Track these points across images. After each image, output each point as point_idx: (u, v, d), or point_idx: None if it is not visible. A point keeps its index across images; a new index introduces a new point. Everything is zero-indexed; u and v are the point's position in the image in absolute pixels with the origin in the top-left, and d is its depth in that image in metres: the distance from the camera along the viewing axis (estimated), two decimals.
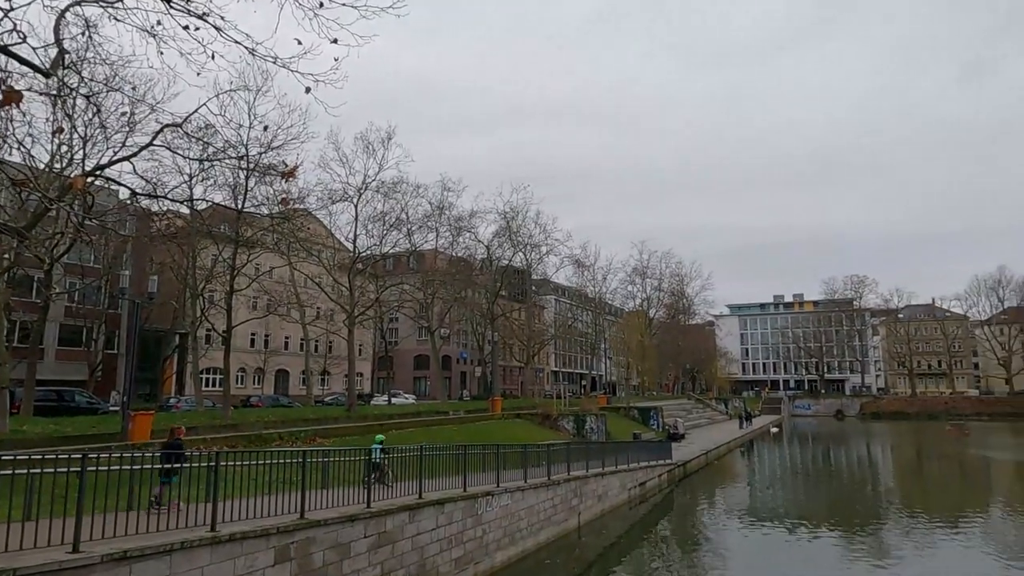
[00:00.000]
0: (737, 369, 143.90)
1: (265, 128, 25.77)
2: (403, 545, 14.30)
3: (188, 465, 11.87)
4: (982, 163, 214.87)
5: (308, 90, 9.80)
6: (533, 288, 75.55)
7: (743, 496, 34.31)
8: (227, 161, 24.91)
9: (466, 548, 16.45)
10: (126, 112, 22.22)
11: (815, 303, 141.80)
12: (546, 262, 61.64)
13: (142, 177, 20.15)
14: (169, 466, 11.58)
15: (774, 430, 73.87)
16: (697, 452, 43.16)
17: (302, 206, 35.76)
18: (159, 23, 8.79)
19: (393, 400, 58.22)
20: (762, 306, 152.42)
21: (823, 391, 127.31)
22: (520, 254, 59.35)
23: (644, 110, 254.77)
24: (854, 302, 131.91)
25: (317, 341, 61.23)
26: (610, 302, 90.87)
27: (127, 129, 22.92)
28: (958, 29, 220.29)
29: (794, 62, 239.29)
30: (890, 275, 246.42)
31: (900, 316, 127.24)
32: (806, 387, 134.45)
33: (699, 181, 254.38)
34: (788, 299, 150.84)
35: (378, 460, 15.33)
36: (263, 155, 27.88)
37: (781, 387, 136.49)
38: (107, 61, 14.47)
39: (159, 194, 20.29)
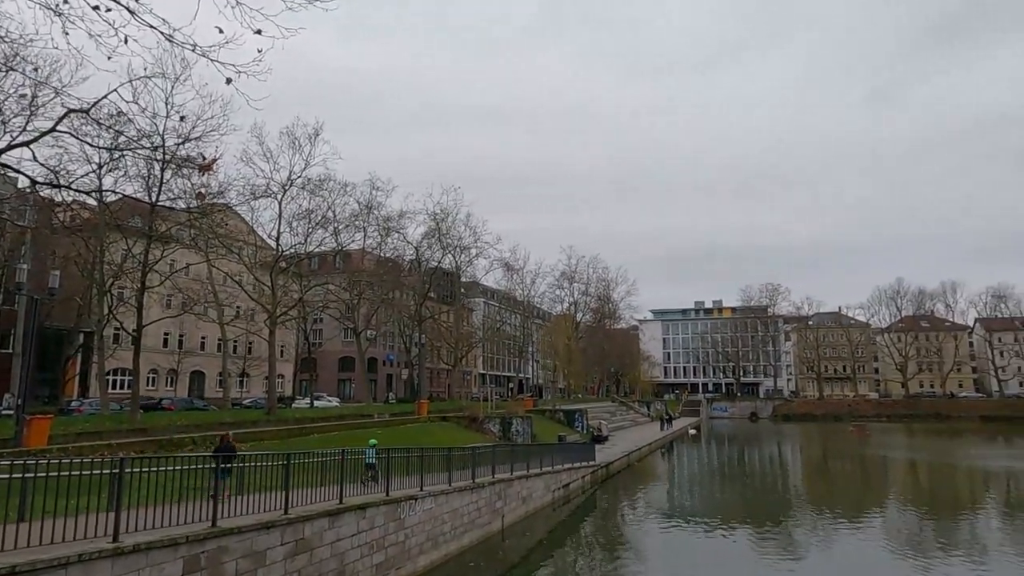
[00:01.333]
0: (659, 372, 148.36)
1: (182, 118, 24.55)
2: (322, 552, 13.94)
3: (239, 465, 13.76)
4: (885, 181, 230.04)
5: (229, 81, 9.43)
6: (462, 290, 75.42)
7: (663, 496, 35.34)
8: (140, 151, 23.59)
9: (388, 553, 16.19)
10: (26, 95, 20.70)
11: (733, 309, 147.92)
12: (476, 265, 61.79)
13: (44, 165, 18.80)
14: (224, 466, 12.92)
15: (692, 432, 76.44)
16: (620, 454, 44.12)
17: (222, 201, 34.34)
18: (65, 1, 8.26)
19: (316, 403, 56.73)
20: (684, 312, 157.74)
21: (739, 394, 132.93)
22: (449, 256, 59.18)
23: (576, 118, 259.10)
24: (769, 309, 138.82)
25: (236, 342, 58.96)
26: (538, 305, 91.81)
27: (28, 113, 21.35)
28: (865, 55, 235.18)
29: (721, 78, 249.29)
30: (802, 284, 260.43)
31: (810, 323, 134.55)
32: (724, 390, 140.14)
33: (627, 189, 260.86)
34: (708, 305, 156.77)
35: (372, 461, 17.29)
36: (180, 146, 26.56)
37: (700, 390, 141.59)
38: (5, 39, 13.45)
39: (62, 183, 19.01)
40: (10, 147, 19.47)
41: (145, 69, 24.01)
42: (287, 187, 38.24)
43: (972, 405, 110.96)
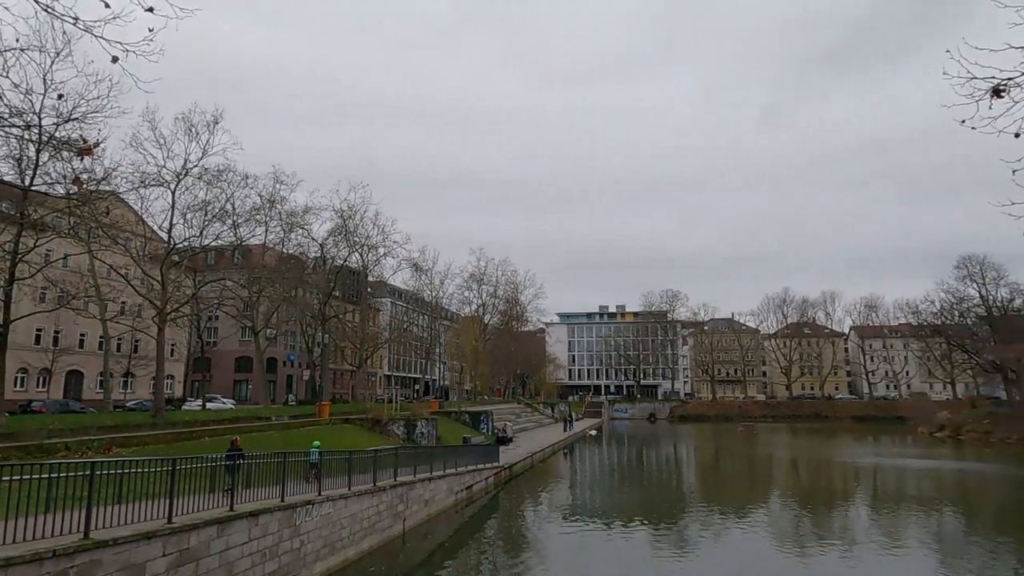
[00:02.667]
0: (565, 375, 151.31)
1: (60, 96, 22.57)
2: (209, 562, 13.19)
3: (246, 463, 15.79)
4: (777, 194, 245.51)
5: (115, 60, 8.78)
6: (369, 290, 73.87)
7: (565, 496, 36.02)
8: (11, 130, 21.52)
9: (281, 561, 15.56)
10: None
11: (635, 314, 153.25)
12: (383, 264, 60.60)
13: None
14: (232, 463, 15.16)
15: (592, 433, 78.46)
16: (524, 455, 44.62)
17: (108, 188, 31.90)
18: None
19: (209, 405, 53.82)
20: (589, 315, 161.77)
21: (639, 396, 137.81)
22: (356, 254, 57.80)
23: (488, 121, 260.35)
24: (668, 314, 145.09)
25: (120, 340, 54.98)
26: (447, 307, 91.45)
27: None
28: (758, 76, 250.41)
29: (626, 89, 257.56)
30: (699, 291, 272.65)
31: (706, 328, 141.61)
32: (625, 392, 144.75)
33: (537, 193, 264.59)
34: (612, 309, 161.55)
35: (315, 460, 18.91)
36: (59, 127, 24.44)
37: (603, 392, 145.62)
38: None
39: None
40: None
41: (18, 40, 21.94)
42: (181, 176, 35.98)
43: (846, 406, 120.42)
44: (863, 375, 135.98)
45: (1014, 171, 5.56)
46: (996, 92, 5.48)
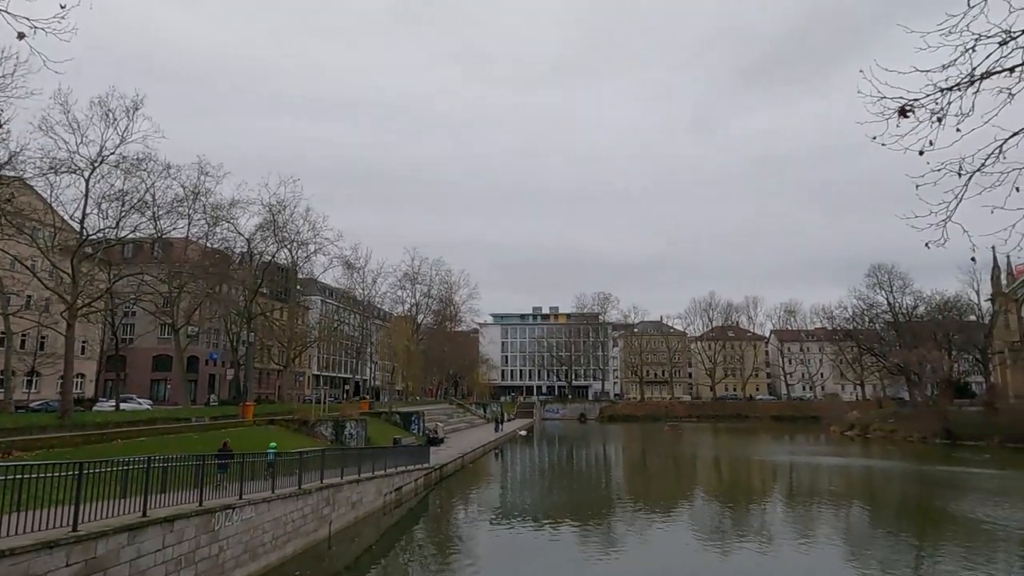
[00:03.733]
0: (497, 375, 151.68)
1: None
2: (119, 571, 12.49)
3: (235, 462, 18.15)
4: (704, 203, 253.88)
5: (21, 36, 8.25)
6: (298, 287, 71.93)
7: (495, 496, 36.11)
8: None
9: (198, 568, 14.91)
10: None
11: (568, 315, 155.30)
12: (314, 261, 59.07)
13: None
14: (223, 462, 17.93)
15: (522, 433, 78.97)
16: (455, 455, 44.47)
17: (12, 173, 29.83)
18: None
19: (123, 406, 51.03)
20: (522, 316, 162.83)
21: (570, 396, 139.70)
22: (285, 250, 56.15)
23: (425, 120, 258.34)
24: (600, 316, 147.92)
25: (25, 336, 51.48)
26: (379, 306, 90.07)
27: None
28: (689, 88, 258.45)
29: (564, 93, 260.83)
30: (630, 293, 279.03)
31: (635, 330, 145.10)
32: (557, 393, 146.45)
33: (473, 193, 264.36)
34: (545, 311, 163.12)
35: (272, 460, 20.12)
36: None
37: (535, 393, 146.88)
38: None
39: None
40: None
41: None
42: (97, 164, 33.98)
43: (766, 407, 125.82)
44: (782, 377, 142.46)
45: (917, 186, 5.92)
46: (902, 112, 5.83)
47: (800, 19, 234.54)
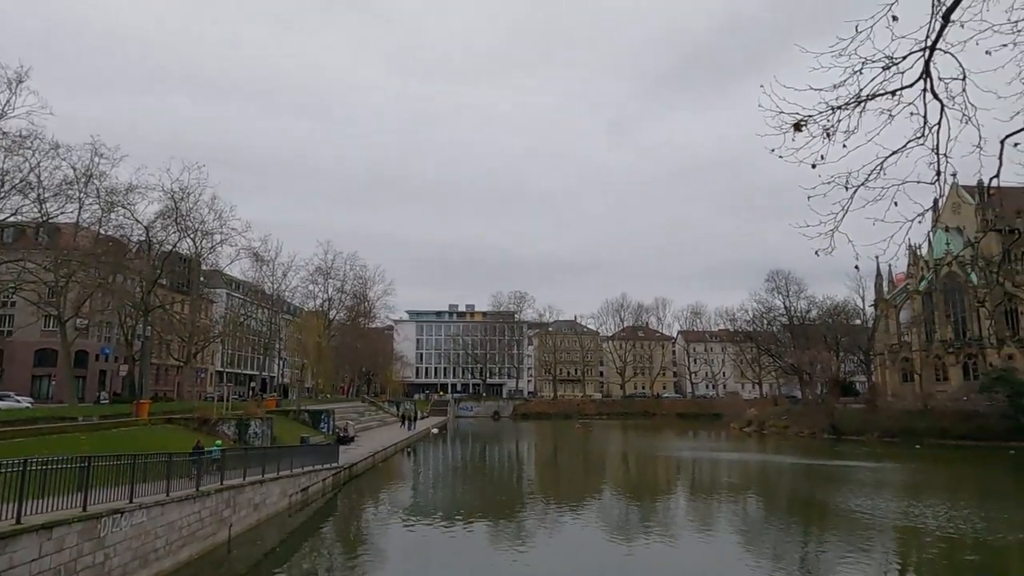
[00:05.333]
0: (412, 373, 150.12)
1: None
2: None
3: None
4: (619, 205, 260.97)
5: None
6: (202, 279, 68.43)
7: (406, 495, 35.70)
8: None
9: None
10: None
11: (484, 314, 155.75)
12: (219, 252, 56.01)
13: None
14: (196, 458, 20.44)
15: (435, 431, 78.53)
16: (365, 454, 43.65)
17: None
18: None
19: None
20: (438, 314, 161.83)
21: (485, 394, 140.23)
22: (188, 240, 53.12)
23: (348, 113, 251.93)
24: (515, 315, 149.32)
25: None
26: (289, 300, 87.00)
27: None
28: (608, 91, 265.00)
29: (488, 91, 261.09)
30: (545, 293, 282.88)
31: (550, 329, 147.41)
32: (471, 390, 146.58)
33: (391, 188, 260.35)
34: (462, 309, 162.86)
35: (216, 457, 21.95)
36: None
37: (450, 390, 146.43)
38: None
39: None
40: None
41: None
42: None
43: (671, 404, 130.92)
44: (687, 376, 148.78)
45: (809, 197, 6.30)
46: (797, 127, 6.19)
47: (712, 33, 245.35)
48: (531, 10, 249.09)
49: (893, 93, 6.13)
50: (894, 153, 6.22)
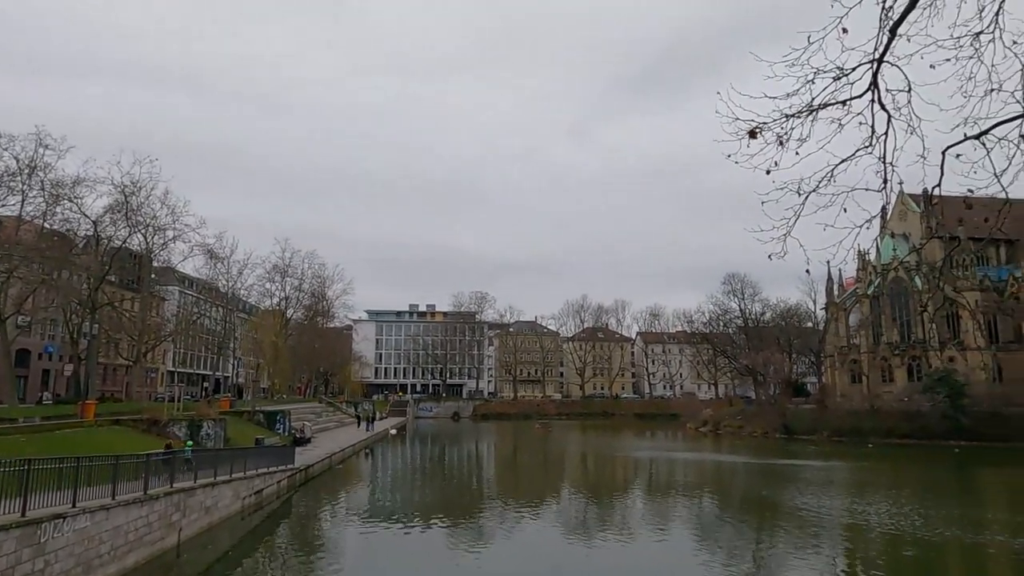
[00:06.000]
0: (371, 373, 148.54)
1: None
2: None
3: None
4: (580, 206, 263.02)
5: None
6: (153, 276, 66.41)
7: (364, 497, 35.29)
8: None
9: None
10: None
11: (445, 314, 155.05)
12: (172, 248, 54.42)
13: None
14: (166, 458, 21.59)
15: (393, 432, 77.85)
16: (322, 455, 43.02)
17: None
18: None
19: None
20: (398, 314, 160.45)
21: (444, 395, 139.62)
22: (139, 235, 51.48)
23: (304, 106, 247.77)
24: (476, 315, 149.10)
25: None
26: (245, 299, 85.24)
27: None
28: (570, 93, 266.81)
29: (447, 89, 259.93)
30: (506, 293, 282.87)
31: (511, 330, 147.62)
32: (431, 391, 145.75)
33: (351, 185, 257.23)
34: (422, 308, 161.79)
35: (189, 456, 23.11)
36: None
37: (409, 391, 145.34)
38: None
39: None
40: None
41: None
42: None
43: (630, 405, 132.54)
44: (646, 376, 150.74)
45: (763, 202, 6.45)
46: (751, 134, 6.34)
47: (672, 39, 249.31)
48: (492, 12, 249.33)
49: (843, 103, 6.33)
50: (844, 161, 6.42)
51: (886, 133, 6.31)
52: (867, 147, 6.39)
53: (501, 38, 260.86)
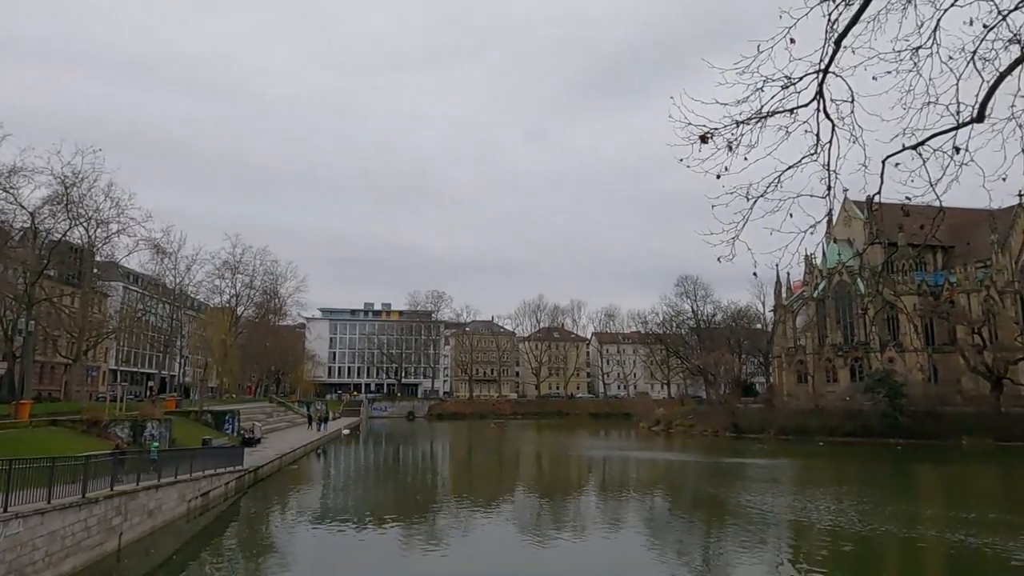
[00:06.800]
0: (324, 372, 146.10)
1: None
2: None
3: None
4: (538, 206, 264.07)
5: None
6: (95, 271, 63.83)
7: (315, 498, 34.69)
8: None
9: None
10: None
11: (400, 313, 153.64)
12: (116, 242, 52.34)
13: None
14: (122, 458, 21.74)
15: (346, 432, 76.77)
16: (272, 456, 42.13)
17: None
18: None
19: None
20: (353, 312, 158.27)
21: (399, 394, 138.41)
22: (81, 228, 49.41)
23: (260, 99, 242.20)
24: (433, 314, 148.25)
25: None
26: (194, 295, 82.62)
27: None
28: (528, 95, 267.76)
29: (406, 86, 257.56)
30: (463, 293, 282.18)
31: (467, 329, 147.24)
32: (386, 390, 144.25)
33: (306, 181, 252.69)
34: (378, 307, 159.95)
35: (154, 457, 23.81)
36: None
37: (363, 390, 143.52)
38: None
39: None
40: None
41: None
42: None
43: (585, 404, 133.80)
44: (600, 376, 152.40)
45: (713, 206, 6.59)
46: (702, 139, 6.47)
47: (630, 41, 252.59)
48: (450, 10, 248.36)
49: (790, 111, 6.51)
50: (790, 168, 6.60)
51: (830, 141, 6.52)
52: (812, 155, 6.58)
53: (459, 37, 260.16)
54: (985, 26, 6.08)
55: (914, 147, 6.31)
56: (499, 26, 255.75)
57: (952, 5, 6.06)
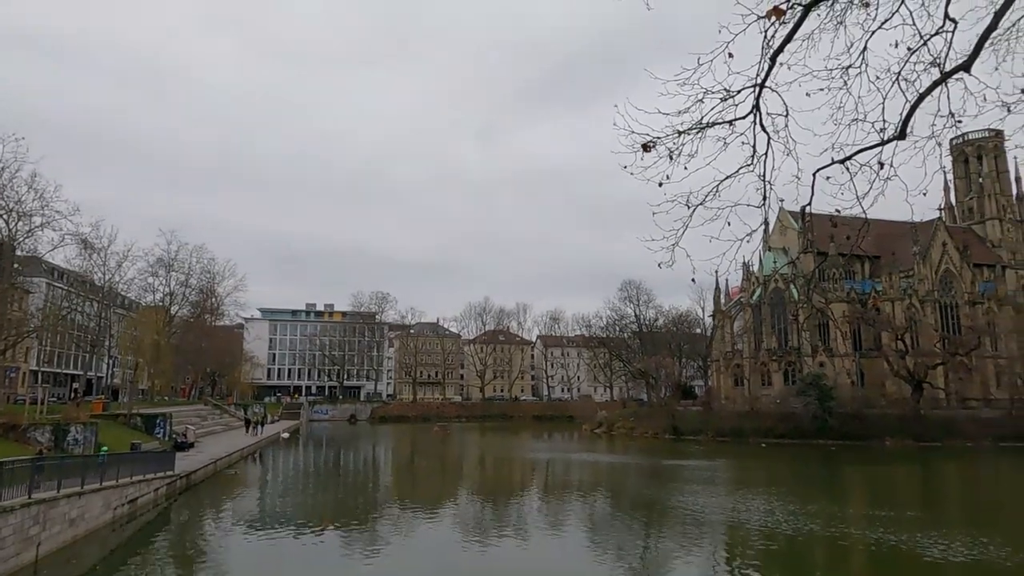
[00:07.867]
0: (263, 374, 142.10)
1: None
2: None
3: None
4: (485, 209, 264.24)
5: None
6: (16, 266, 60.26)
7: (251, 504, 33.68)
8: None
9: None
10: None
11: (343, 314, 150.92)
12: (39, 236, 49.70)
13: None
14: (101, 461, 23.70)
15: (284, 435, 74.86)
16: (206, 461, 40.72)
17: None
18: None
19: None
20: (294, 313, 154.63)
21: (341, 397, 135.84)
22: (1, 221, 46.72)
23: (192, 89, 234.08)
24: (377, 316, 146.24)
25: None
26: (124, 293, 79.12)
27: None
28: (478, 96, 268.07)
29: (353, 82, 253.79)
30: (408, 294, 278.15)
31: (412, 331, 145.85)
32: (328, 393, 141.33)
33: (245, 176, 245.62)
34: (320, 308, 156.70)
35: (103, 462, 23.88)
36: None
37: (304, 393, 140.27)
38: None
39: None
40: None
41: None
42: None
43: (529, 407, 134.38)
44: (545, 379, 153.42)
45: (654, 213, 6.73)
46: (645, 147, 6.61)
47: (576, 51, 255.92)
48: (398, 8, 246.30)
49: (729, 123, 6.72)
50: (728, 177, 6.81)
51: (766, 153, 6.76)
52: (749, 165, 6.81)
53: (406, 35, 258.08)
54: (909, 49, 6.43)
55: (842, 161, 6.61)
56: (447, 25, 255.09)
57: (879, 28, 6.39)
